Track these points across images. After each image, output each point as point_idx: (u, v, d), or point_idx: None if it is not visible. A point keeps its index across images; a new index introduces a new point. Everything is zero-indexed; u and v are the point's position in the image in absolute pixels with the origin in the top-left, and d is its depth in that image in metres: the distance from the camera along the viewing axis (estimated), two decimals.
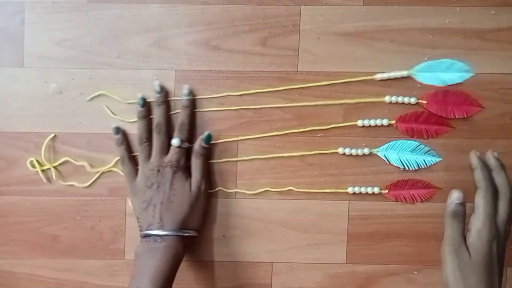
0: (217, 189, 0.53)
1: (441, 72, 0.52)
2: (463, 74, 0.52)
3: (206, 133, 0.51)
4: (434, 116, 0.52)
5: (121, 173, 0.53)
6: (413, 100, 0.52)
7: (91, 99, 0.52)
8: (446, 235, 0.47)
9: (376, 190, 0.52)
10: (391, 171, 0.53)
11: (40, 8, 0.52)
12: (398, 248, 0.53)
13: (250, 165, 0.53)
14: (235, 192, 0.53)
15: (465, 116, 0.52)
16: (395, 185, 0.52)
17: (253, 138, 0.53)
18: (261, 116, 0.53)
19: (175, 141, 0.50)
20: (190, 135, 0.52)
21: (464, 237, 0.47)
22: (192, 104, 0.52)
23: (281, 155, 0.53)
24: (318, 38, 0.52)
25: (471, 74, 0.52)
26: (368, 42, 0.52)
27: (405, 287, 0.54)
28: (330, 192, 0.53)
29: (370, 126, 0.52)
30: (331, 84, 0.52)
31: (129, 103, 0.52)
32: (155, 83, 0.51)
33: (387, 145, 0.52)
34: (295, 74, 0.52)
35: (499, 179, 0.48)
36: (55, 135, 0.52)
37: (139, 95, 0.51)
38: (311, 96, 0.52)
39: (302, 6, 0.52)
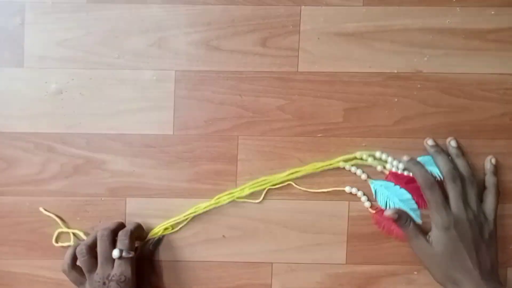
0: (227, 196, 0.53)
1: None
2: (430, 170, 0.51)
3: (156, 238, 0.51)
4: None
5: None
6: (405, 158, 0.52)
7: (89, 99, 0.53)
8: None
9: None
10: None
11: (40, 9, 0.52)
12: (398, 249, 0.53)
13: (250, 165, 0.53)
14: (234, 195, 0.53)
15: None
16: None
17: (253, 138, 0.53)
18: (261, 116, 0.53)
19: (115, 253, 0.47)
20: (133, 243, 0.49)
21: (420, 231, 0.50)
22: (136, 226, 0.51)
23: (281, 154, 0.53)
24: (318, 38, 0.52)
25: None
26: (368, 42, 0.52)
27: (405, 287, 0.54)
28: (330, 192, 0.53)
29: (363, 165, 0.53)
30: (331, 84, 0.52)
31: None
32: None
33: (383, 182, 0.52)
34: (295, 74, 0.52)
35: (460, 164, 0.50)
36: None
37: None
38: (311, 96, 0.53)
39: (302, 6, 0.52)
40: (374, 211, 0.52)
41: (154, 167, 0.53)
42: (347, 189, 0.52)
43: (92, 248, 0.48)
